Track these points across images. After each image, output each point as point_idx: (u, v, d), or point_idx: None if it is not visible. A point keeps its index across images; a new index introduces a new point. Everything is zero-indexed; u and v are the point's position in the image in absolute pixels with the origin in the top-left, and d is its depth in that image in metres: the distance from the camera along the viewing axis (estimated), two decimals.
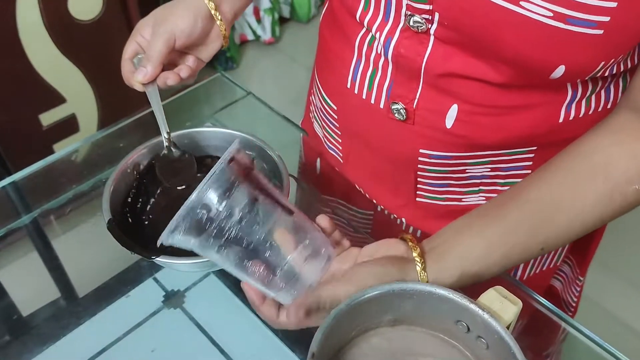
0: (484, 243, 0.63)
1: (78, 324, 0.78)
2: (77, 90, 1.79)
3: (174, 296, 0.82)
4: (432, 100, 0.69)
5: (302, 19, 2.98)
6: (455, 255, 0.63)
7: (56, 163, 0.92)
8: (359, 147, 0.81)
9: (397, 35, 0.67)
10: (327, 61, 0.81)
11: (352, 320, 0.58)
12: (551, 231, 0.63)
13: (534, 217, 0.63)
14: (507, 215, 0.64)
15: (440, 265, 0.62)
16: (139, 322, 0.79)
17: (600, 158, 0.62)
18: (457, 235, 0.64)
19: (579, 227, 0.63)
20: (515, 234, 0.63)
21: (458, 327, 0.58)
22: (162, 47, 0.77)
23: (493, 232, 0.63)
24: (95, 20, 1.72)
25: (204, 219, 0.55)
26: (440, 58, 0.65)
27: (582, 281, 0.96)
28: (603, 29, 0.56)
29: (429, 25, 0.63)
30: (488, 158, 0.73)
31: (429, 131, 0.71)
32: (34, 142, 1.76)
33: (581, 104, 0.69)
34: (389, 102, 0.72)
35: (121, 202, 0.79)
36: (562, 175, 0.64)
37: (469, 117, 0.69)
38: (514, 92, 0.66)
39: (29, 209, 0.90)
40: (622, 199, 0.62)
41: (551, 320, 0.74)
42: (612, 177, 0.61)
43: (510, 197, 0.65)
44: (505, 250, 0.63)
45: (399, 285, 0.57)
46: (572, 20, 0.55)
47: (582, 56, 0.59)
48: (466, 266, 0.62)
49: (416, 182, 0.78)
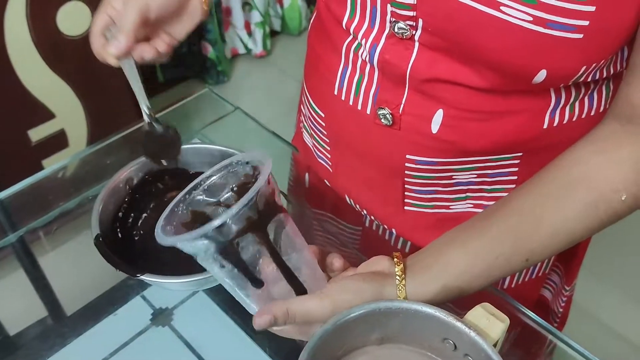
0: (467, 256, 0.63)
1: (66, 343, 0.78)
2: (66, 106, 1.78)
3: (162, 314, 0.81)
4: (417, 105, 0.70)
5: (293, 32, 2.99)
6: (437, 268, 0.63)
7: (43, 181, 0.92)
8: (347, 154, 0.82)
9: (382, 42, 0.67)
10: (314, 69, 0.82)
11: (339, 339, 0.57)
12: (535, 244, 0.63)
13: (517, 230, 0.63)
14: (491, 228, 0.64)
15: (421, 279, 0.62)
16: (127, 340, 0.78)
17: (581, 169, 0.62)
18: (441, 248, 0.64)
19: (565, 239, 0.63)
20: (498, 246, 0.63)
21: (445, 345, 0.58)
22: (136, 17, 0.73)
23: (476, 245, 0.63)
24: (84, 35, 1.72)
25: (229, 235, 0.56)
26: (425, 64, 0.66)
27: (568, 291, 0.96)
28: (583, 33, 0.56)
29: (413, 32, 0.64)
30: (474, 164, 0.73)
31: (415, 136, 0.72)
32: (23, 158, 1.75)
33: (565, 110, 0.70)
34: (375, 108, 0.73)
35: (111, 217, 0.78)
36: (544, 188, 0.64)
37: (455, 122, 0.69)
38: (499, 97, 0.67)
39: (15, 227, 0.89)
40: (607, 207, 0.62)
41: (539, 333, 0.74)
42: (595, 188, 0.61)
43: (495, 210, 0.65)
44: (488, 263, 0.63)
45: (385, 303, 0.57)
46: (551, 25, 0.56)
47: (563, 60, 0.60)
48: (448, 280, 0.62)
49: (404, 189, 0.78)
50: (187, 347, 0.77)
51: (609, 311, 1.91)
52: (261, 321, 0.59)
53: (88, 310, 0.83)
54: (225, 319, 0.80)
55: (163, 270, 0.70)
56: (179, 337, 0.78)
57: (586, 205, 0.62)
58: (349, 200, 0.88)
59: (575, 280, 0.97)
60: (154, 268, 0.70)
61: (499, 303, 0.72)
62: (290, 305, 0.59)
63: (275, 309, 0.59)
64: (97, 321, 0.80)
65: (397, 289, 0.61)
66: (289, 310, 0.59)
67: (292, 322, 0.60)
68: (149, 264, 0.75)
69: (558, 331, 0.73)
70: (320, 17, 0.78)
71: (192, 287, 0.79)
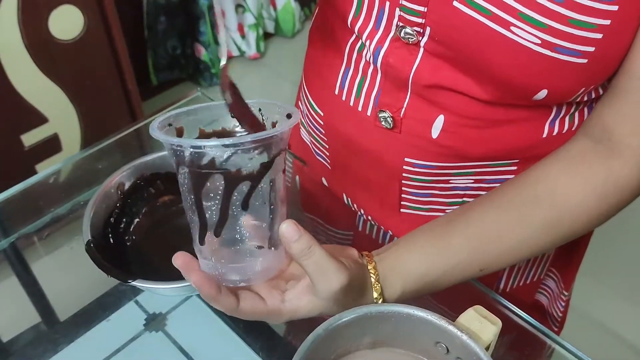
0: (424, 263, 0.64)
1: (59, 349, 0.77)
2: (59, 110, 1.78)
3: (156, 319, 0.81)
4: (419, 110, 0.70)
5: (286, 34, 2.99)
6: (397, 272, 0.64)
7: (34, 186, 0.92)
8: (345, 154, 0.82)
9: (386, 45, 0.67)
10: (315, 67, 0.82)
11: (331, 344, 0.57)
12: (492, 253, 0.65)
13: (476, 240, 0.65)
14: (451, 236, 0.65)
15: (386, 283, 0.63)
16: (120, 345, 0.78)
17: (546, 186, 0.64)
18: (401, 253, 0.65)
19: (524, 251, 0.66)
20: (456, 255, 0.65)
21: (437, 348, 0.58)
22: None
23: (434, 253, 0.65)
24: (76, 39, 1.72)
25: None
26: (429, 70, 0.66)
27: (567, 296, 0.96)
28: (587, 59, 0.57)
29: (419, 38, 0.64)
30: (472, 169, 0.73)
31: (414, 140, 0.72)
32: (16, 162, 1.75)
33: (565, 120, 0.70)
34: (376, 110, 0.73)
35: (103, 222, 0.78)
36: (507, 202, 0.65)
37: (455, 129, 0.69)
38: (500, 108, 0.67)
39: (7, 232, 0.89)
40: (566, 226, 0.64)
41: (535, 336, 0.74)
42: (557, 205, 0.63)
43: (457, 216, 0.67)
44: (444, 270, 0.65)
45: (377, 307, 0.57)
46: (559, 49, 0.57)
47: (565, 82, 0.61)
48: (407, 284, 0.64)
49: (401, 191, 0.78)
50: (180, 352, 0.77)
51: (608, 314, 1.91)
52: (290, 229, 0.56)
53: (81, 316, 0.82)
54: (219, 323, 0.80)
55: (156, 275, 0.69)
56: (173, 342, 0.78)
57: (547, 222, 0.64)
58: (345, 199, 0.88)
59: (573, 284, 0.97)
60: (146, 273, 0.70)
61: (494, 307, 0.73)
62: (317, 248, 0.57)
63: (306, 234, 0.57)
64: (90, 327, 0.80)
65: (372, 287, 0.62)
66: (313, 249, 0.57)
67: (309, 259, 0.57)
68: (142, 270, 0.75)
69: (554, 334, 0.73)
70: (324, 13, 0.78)
71: (185, 292, 0.79)
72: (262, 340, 0.77)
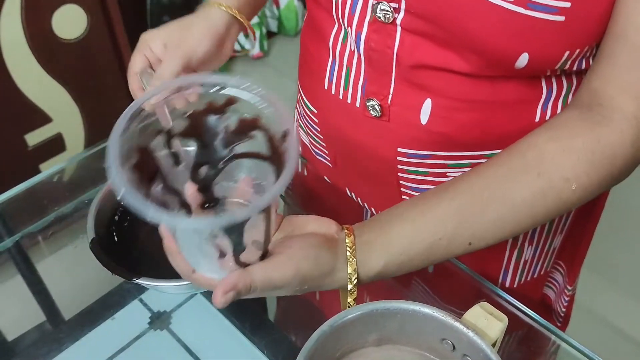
0: (410, 234, 0.61)
1: (64, 348, 0.78)
2: (62, 110, 1.78)
3: (160, 317, 0.81)
4: (405, 95, 0.70)
5: (289, 32, 2.99)
6: (379, 246, 0.61)
7: (39, 185, 0.92)
8: (342, 149, 0.82)
9: (365, 28, 0.68)
10: (307, 65, 0.82)
11: (336, 342, 0.57)
12: (480, 225, 0.62)
13: (463, 210, 0.62)
14: (437, 206, 0.62)
15: (365, 256, 0.61)
16: (125, 344, 0.78)
17: (535, 154, 0.62)
18: (384, 225, 0.63)
19: (509, 226, 0.62)
20: (441, 227, 0.61)
21: (444, 345, 0.57)
22: (178, 67, 0.72)
23: (419, 225, 0.62)
24: (80, 39, 1.72)
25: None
26: (409, 49, 0.66)
27: (570, 290, 0.95)
28: (564, 15, 0.57)
29: (395, 15, 0.64)
30: (467, 160, 0.73)
31: (405, 128, 0.72)
32: (20, 162, 1.75)
33: (557, 103, 0.70)
34: (364, 100, 0.73)
35: (108, 220, 0.78)
36: (495, 170, 0.63)
37: (444, 113, 0.69)
38: (486, 84, 0.66)
39: (11, 232, 0.89)
40: (555, 197, 0.61)
41: (540, 333, 0.73)
42: (546, 174, 0.61)
43: (444, 188, 0.64)
44: (430, 243, 0.61)
45: (382, 304, 0.57)
46: (532, 6, 0.56)
47: (545, 44, 0.60)
48: (390, 258, 0.61)
49: (399, 184, 0.78)
50: (185, 350, 0.77)
51: (613, 310, 1.90)
52: (226, 299, 0.55)
53: (86, 314, 0.82)
54: (224, 321, 0.80)
55: (160, 273, 0.69)
56: (177, 341, 0.78)
57: (535, 191, 0.61)
58: (349, 193, 0.88)
59: (577, 279, 0.97)
60: (151, 271, 0.70)
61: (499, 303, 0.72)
62: (254, 276, 0.56)
63: (239, 281, 0.55)
64: (95, 325, 0.80)
65: (347, 262, 0.60)
66: (253, 282, 0.56)
67: (254, 293, 0.56)
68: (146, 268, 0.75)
69: (560, 331, 0.73)
70: (310, 11, 0.78)
71: (190, 290, 0.79)
72: (267, 339, 0.77)
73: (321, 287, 0.60)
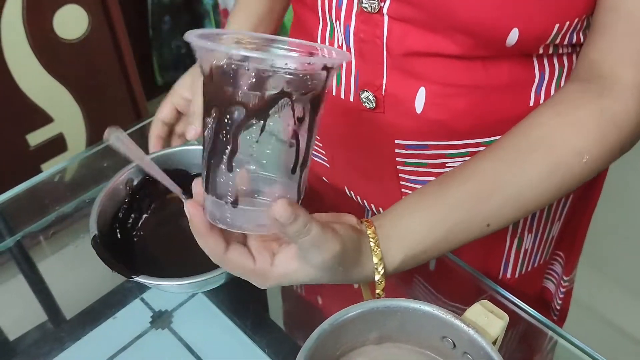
0: (425, 224, 0.61)
1: (66, 347, 0.77)
2: (64, 110, 1.79)
3: (162, 317, 0.81)
4: (399, 84, 0.70)
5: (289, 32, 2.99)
6: (398, 235, 0.61)
7: (40, 184, 0.92)
8: (339, 147, 0.82)
9: (353, 21, 0.68)
10: None
11: (336, 340, 0.57)
12: (494, 207, 0.61)
13: (475, 194, 0.61)
14: (449, 192, 0.62)
15: (386, 248, 0.60)
16: (126, 343, 0.78)
17: (540, 132, 0.61)
18: (400, 217, 0.62)
19: (524, 201, 0.62)
20: (457, 211, 0.61)
21: (444, 343, 0.57)
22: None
23: (435, 211, 0.61)
24: (81, 39, 1.72)
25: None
26: (398, 37, 0.66)
27: (567, 282, 0.95)
28: None
29: (381, 4, 0.64)
30: (466, 148, 0.73)
31: (400, 118, 0.72)
32: (22, 162, 1.76)
33: (551, 87, 0.70)
34: (358, 92, 0.73)
35: (110, 218, 0.78)
36: (502, 151, 0.62)
37: (438, 100, 0.69)
38: (478, 66, 0.66)
39: (13, 231, 0.89)
40: (566, 171, 0.60)
41: (538, 329, 0.73)
42: (554, 149, 0.60)
43: (452, 175, 0.63)
44: (447, 228, 0.61)
45: (383, 302, 0.57)
46: None
47: (535, 17, 0.59)
48: (409, 249, 0.61)
49: (398, 178, 0.78)
50: (187, 349, 0.77)
51: (611, 307, 1.91)
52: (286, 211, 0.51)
53: (87, 314, 0.82)
54: (225, 320, 0.80)
55: (163, 272, 0.69)
56: (179, 340, 0.78)
57: (545, 168, 0.60)
58: (348, 192, 0.87)
59: (575, 272, 0.97)
60: (153, 270, 0.70)
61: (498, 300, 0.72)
62: (314, 221, 0.54)
63: (303, 212, 0.53)
64: (96, 325, 0.80)
65: (372, 253, 0.59)
66: (311, 224, 0.53)
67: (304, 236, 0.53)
68: (149, 266, 0.75)
69: (558, 327, 0.73)
70: (296, 12, 0.79)
71: (191, 289, 0.79)
72: (268, 337, 0.77)
73: (349, 275, 0.59)
